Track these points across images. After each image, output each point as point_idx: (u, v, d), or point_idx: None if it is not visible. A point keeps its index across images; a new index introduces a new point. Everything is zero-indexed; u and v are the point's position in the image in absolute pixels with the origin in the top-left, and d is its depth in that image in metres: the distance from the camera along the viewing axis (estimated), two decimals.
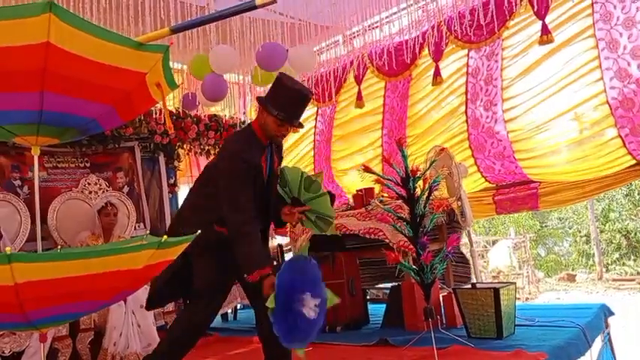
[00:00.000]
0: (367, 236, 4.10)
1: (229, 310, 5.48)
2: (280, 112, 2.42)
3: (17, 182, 4.38)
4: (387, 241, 3.91)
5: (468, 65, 5.34)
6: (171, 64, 2.56)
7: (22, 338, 3.46)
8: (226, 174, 2.44)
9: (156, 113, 5.05)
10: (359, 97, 5.60)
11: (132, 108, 2.54)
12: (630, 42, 4.18)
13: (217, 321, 5.37)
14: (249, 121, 6.05)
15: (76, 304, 1.84)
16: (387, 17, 5.01)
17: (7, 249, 1.46)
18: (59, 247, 4.05)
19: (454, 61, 5.43)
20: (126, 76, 2.24)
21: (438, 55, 4.90)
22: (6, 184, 4.30)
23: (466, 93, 5.38)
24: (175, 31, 2.35)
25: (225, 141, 2.69)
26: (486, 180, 5.46)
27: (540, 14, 4.07)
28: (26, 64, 1.99)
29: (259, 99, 2.54)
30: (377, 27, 5.07)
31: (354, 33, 5.16)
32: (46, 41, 1.93)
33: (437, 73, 4.88)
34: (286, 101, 2.45)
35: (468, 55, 5.30)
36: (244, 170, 2.41)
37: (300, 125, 2.59)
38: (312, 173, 2.67)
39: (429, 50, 4.95)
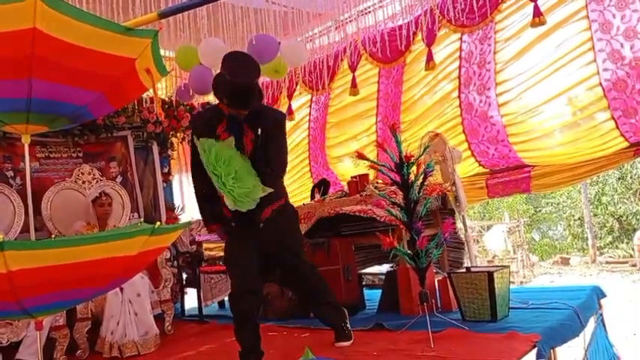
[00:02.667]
0: (359, 214, 4.07)
1: (226, 298, 5.50)
2: (227, 101, 2.59)
3: (9, 173, 4.35)
4: (376, 217, 3.89)
5: (461, 49, 5.31)
6: (162, 52, 2.55)
7: (19, 328, 3.46)
8: None
9: (148, 102, 5.02)
10: (353, 84, 5.57)
11: (122, 94, 2.53)
12: (623, 23, 4.15)
13: (213, 308, 5.40)
14: None
15: (71, 291, 1.84)
16: (379, 2, 4.99)
17: (0, 236, 1.45)
18: (53, 236, 4.04)
19: (447, 45, 5.40)
20: (115, 62, 2.22)
21: (430, 40, 4.88)
22: None
23: (459, 77, 5.36)
24: (163, 15, 2.32)
25: None
26: (480, 164, 5.46)
27: None
28: (12, 50, 1.96)
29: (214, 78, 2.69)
30: (369, 12, 5.05)
31: (346, 19, 5.11)
32: (32, 27, 1.90)
33: (430, 58, 4.86)
34: (228, 92, 2.57)
35: (460, 39, 5.27)
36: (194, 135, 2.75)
37: (253, 108, 2.69)
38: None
39: (422, 35, 4.93)
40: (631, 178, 15.89)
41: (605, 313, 3.91)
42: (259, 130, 2.72)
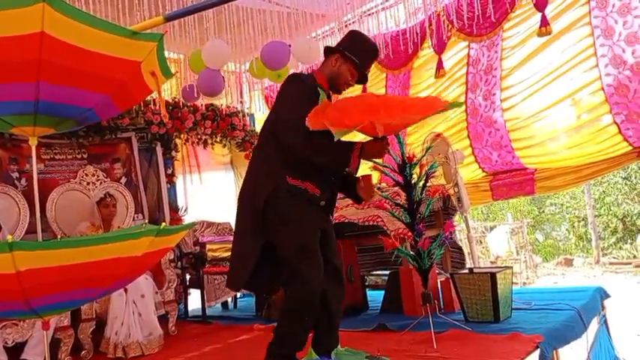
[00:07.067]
0: (367, 223, 4.12)
1: (229, 299, 5.52)
2: (360, 59, 2.42)
3: (15, 174, 4.38)
4: (385, 228, 3.95)
5: (468, 56, 5.34)
6: (168, 53, 2.57)
7: (25, 329, 3.48)
8: (286, 97, 2.34)
9: (152, 104, 5.05)
10: (363, 90, 5.59)
11: (128, 97, 2.55)
12: (625, 29, 4.18)
13: (217, 309, 5.42)
14: (247, 111, 6.09)
15: (78, 291, 1.86)
16: (382, 3, 5.01)
17: (9, 237, 1.47)
18: (59, 237, 4.07)
19: (456, 53, 5.42)
20: (121, 65, 2.24)
21: (440, 48, 4.88)
22: (4, 176, 4.31)
23: (466, 83, 5.38)
24: (169, 19, 2.35)
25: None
26: (483, 170, 5.49)
27: (540, 6, 4.05)
28: (21, 54, 1.99)
29: (334, 48, 2.49)
30: (372, 14, 5.06)
31: (348, 20, 5.13)
32: (40, 31, 1.93)
33: (440, 65, 4.87)
34: (365, 52, 2.47)
35: (468, 46, 5.28)
36: (304, 90, 2.32)
37: (366, 79, 2.56)
38: None
39: (431, 43, 4.94)
40: (636, 178, 15.84)
41: (609, 315, 3.91)
42: None
